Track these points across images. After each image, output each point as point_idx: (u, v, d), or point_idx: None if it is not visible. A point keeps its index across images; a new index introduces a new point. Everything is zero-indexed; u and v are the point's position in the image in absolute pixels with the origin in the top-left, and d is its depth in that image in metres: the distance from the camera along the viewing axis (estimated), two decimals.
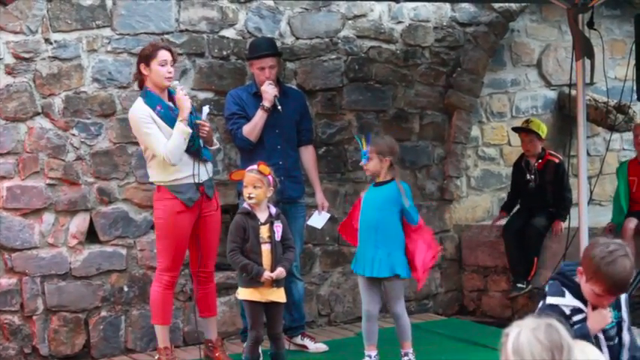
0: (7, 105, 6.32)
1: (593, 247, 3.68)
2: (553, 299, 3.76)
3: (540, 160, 7.68)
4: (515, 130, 7.91)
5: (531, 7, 8.44)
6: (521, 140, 7.79)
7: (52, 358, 6.52)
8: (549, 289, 3.81)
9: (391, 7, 7.69)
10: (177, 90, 5.84)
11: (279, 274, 5.57)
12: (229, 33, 7.08)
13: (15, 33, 6.32)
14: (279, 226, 5.66)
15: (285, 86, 6.79)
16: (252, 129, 6.37)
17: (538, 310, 3.75)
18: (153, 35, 6.70)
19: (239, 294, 5.70)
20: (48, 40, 6.42)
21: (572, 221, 6.94)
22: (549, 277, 3.91)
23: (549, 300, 3.76)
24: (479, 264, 8.08)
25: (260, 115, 6.36)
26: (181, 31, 6.89)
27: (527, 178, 7.69)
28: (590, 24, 6.60)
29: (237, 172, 5.89)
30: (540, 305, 3.81)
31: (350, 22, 7.55)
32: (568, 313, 3.70)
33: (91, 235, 6.64)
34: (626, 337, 3.86)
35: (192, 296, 6.41)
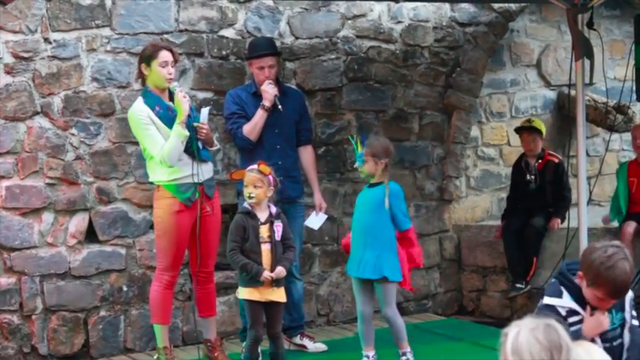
0: (6, 104, 6.32)
1: (591, 252, 3.66)
2: (550, 299, 3.75)
3: (540, 160, 7.68)
4: (518, 131, 7.85)
5: (531, 7, 8.44)
6: (523, 140, 7.74)
7: (51, 357, 6.52)
8: (548, 288, 3.80)
9: (391, 7, 7.69)
10: (176, 92, 5.84)
11: (278, 273, 5.58)
12: (229, 33, 7.08)
13: (14, 32, 6.32)
14: (279, 226, 5.67)
15: (285, 86, 6.79)
16: (253, 128, 6.37)
17: (536, 310, 3.75)
18: (152, 35, 6.70)
19: (239, 293, 5.71)
20: (47, 40, 6.42)
21: (572, 221, 6.94)
22: (552, 276, 3.90)
23: (546, 300, 3.76)
24: (478, 264, 8.08)
25: (260, 115, 6.36)
26: (181, 31, 6.88)
27: (528, 178, 7.68)
28: (590, 24, 6.60)
29: (238, 172, 5.89)
30: (539, 304, 3.81)
31: (349, 21, 7.55)
32: (564, 314, 3.69)
33: (90, 235, 6.64)
34: (626, 337, 3.86)
35: (192, 296, 6.41)
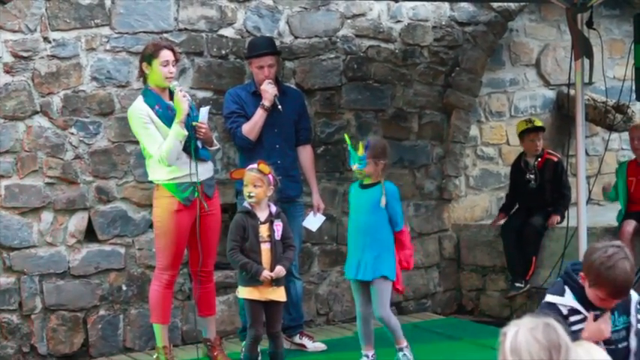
0: (5, 104, 6.32)
1: (592, 253, 3.67)
2: (551, 297, 3.76)
3: (540, 159, 7.68)
4: (522, 133, 7.79)
5: (530, 6, 8.44)
6: (529, 141, 7.66)
7: (51, 357, 6.52)
8: (552, 286, 3.81)
9: (390, 7, 7.69)
10: (176, 91, 5.84)
11: (277, 272, 5.58)
12: (228, 32, 7.08)
13: (14, 32, 6.32)
14: (279, 225, 5.67)
15: (284, 85, 6.79)
16: (252, 128, 6.37)
17: (539, 308, 3.75)
18: (152, 34, 6.70)
19: (239, 293, 5.71)
20: (47, 39, 6.42)
21: (571, 221, 6.94)
22: (558, 276, 3.90)
23: (548, 298, 3.77)
24: (477, 263, 8.08)
25: (260, 114, 6.36)
26: (180, 30, 6.88)
27: (528, 177, 7.68)
28: (589, 24, 6.60)
29: (238, 171, 5.89)
30: (542, 303, 3.82)
31: (349, 21, 7.55)
32: (565, 313, 3.70)
33: (90, 234, 6.64)
34: (633, 342, 3.85)
35: (191, 295, 6.41)
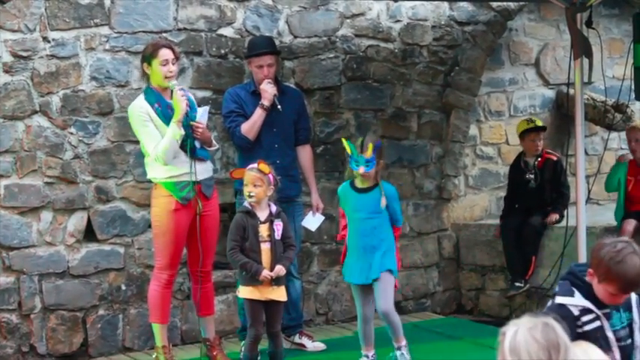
0: (4, 103, 6.32)
1: (600, 248, 3.68)
2: (562, 299, 3.75)
3: (540, 159, 7.67)
4: (523, 133, 7.78)
5: (529, 6, 8.44)
6: (530, 141, 7.65)
7: (50, 356, 6.52)
8: (559, 288, 3.79)
9: (389, 6, 7.69)
10: (174, 90, 5.85)
11: (277, 272, 5.58)
12: (227, 31, 7.08)
13: (13, 31, 6.32)
14: (279, 225, 5.67)
15: (283, 85, 6.78)
16: (251, 127, 6.37)
17: (546, 309, 3.74)
18: (151, 34, 6.70)
19: (239, 292, 5.71)
20: (46, 39, 6.42)
21: (570, 220, 6.93)
22: (560, 278, 3.89)
23: (558, 299, 3.75)
24: (477, 263, 8.08)
25: (259, 114, 6.36)
26: (179, 30, 6.88)
27: (527, 177, 7.67)
28: (589, 23, 6.59)
29: (238, 171, 5.89)
30: (549, 304, 3.80)
31: (348, 20, 7.55)
32: (576, 313, 3.69)
33: (89, 234, 6.64)
34: (638, 338, 3.86)
35: (191, 295, 6.41)
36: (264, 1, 7.20)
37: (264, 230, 5.62)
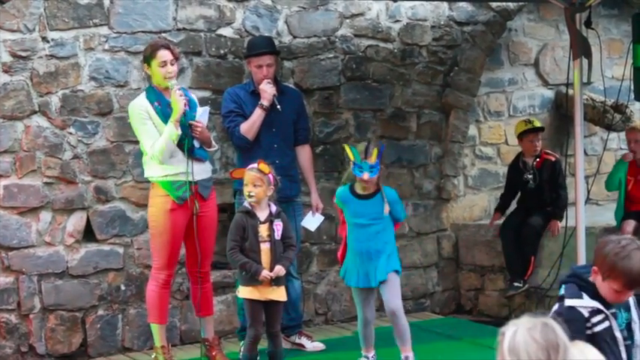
0: (4, 103, 6.32)
1: (605, 245, 3.68)
2: (572, 301, 3.72)
3: (538, 159, 7.67)
4: (522, 134, 7.77)
5: (529, 6, 8.44)
6: (529, 142, 7.63)
7: (49, 356, 6.52)
8: (566, 291, 3.77)
9: (389, 6, 7.69)
10: (173, 90, 5.85)
11: (276, 272, 5.58)
12: (227, 32, 7.08)
13: (12, 31, 6.32)
14: (279, 225, 5.66)
15: (283, 85, 6.78)
16: (250, 127, 6.37)
17: (553, 312, 3.73)
18: (150, 34, 6.70)
19: (239, 292, 5.71)
20: (45, 39, 6.42)
21: (570, 220, 6.94)
22: (561, 281, 3.88)
23: (568, 302, 3.73)
24: (476, 263, 8.08)
25: (258, 114, 6.36)
26: (179, 30, 6.88)
27: (526, 177, 7.67)
28: (588, 23, 6.59)
29: (238, 171, 5.89)
30: (556, 307, 3.76)
31: (347, 20, 7.55)
32: (587, 315, 3.68)
33: (88, 234, 6.64)
34: (638, 337, 3.86)
35: (190, 295, 6.41)
36: (263, 2, 7.20)
37: (263, 230, 5.62)
